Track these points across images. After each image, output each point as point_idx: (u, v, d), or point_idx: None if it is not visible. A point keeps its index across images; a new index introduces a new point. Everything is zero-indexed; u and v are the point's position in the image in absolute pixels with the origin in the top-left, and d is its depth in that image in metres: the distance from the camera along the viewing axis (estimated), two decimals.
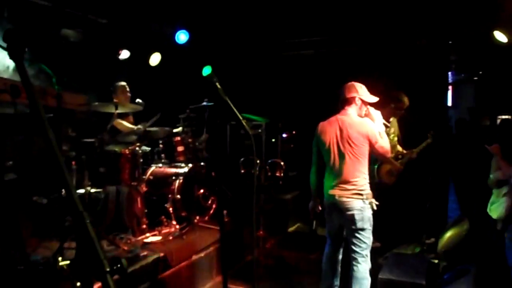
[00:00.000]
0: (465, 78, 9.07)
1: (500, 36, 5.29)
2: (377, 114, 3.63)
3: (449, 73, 7.93)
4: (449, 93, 8.51)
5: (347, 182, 3.45)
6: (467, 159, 6.05)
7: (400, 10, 5.75)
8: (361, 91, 3.57)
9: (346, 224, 3.49)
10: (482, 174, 4.51)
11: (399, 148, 5.29)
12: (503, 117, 8.09)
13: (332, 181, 3.58)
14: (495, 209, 4.14)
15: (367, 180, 3.48)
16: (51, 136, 0.97)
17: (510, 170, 3.76)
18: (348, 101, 3.62)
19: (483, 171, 4.48)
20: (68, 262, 0.83)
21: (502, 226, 4.01)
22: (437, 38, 6.29)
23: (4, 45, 1.18)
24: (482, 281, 3.66)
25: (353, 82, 3.67)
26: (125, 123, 4.80)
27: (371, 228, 3.43)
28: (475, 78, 8.68)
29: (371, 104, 3.64)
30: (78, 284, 0.84)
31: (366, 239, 3.42)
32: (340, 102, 3.71)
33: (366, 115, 3.62)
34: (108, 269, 0.82)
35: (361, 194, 3.41)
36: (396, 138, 5.18)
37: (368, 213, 3.40)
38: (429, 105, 6.56)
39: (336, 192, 3.51)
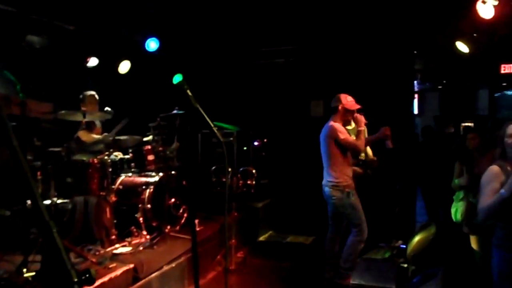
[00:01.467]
0: (430, 87, 9.38)
1: (462, 47, 5.50)
2: (360, 118, 4.46)
3: (415, 82, 8.18)
4: (415, 101, 8.77)
5: (326, 175, 4.44)
6: (433, 165, 6.23)
7: (368, 21, 5.91)
8: (344, 101, 4.41)
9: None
10: (447, 179, 4.66)
11: (369, 153, 5.41)
12: (466, 124, 8.41)
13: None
14: (454, 213, 4.31)
15: (344, 173, 4.33)
16: (15, 144, 0.94)
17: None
18: (333, 110, 4.49)
19: (448, 177, 4.63)
20: (33, 273, 0.79)
21: (468, 230, 4.14)
22: (402, 49, 6.49)
23: None
24: (450, 283, 3.76)
25: (339, 94, 4.47)
26: (89, 134, 4.69)
27: (355, 209, 4.30)
28: (440, 87, 8.99)
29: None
30: None
31: (353, 219, 4.33)
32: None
33: (354, 120, 4.48)
34: (75, 280, 0.80)
35: (338, 186, 4.29)
36: None
37: (348, 201, 4.28)
38: (396, 113, 6.74)
39: (323, 183, 4.47)
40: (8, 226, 3.86)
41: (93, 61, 5.68)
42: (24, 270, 2.96)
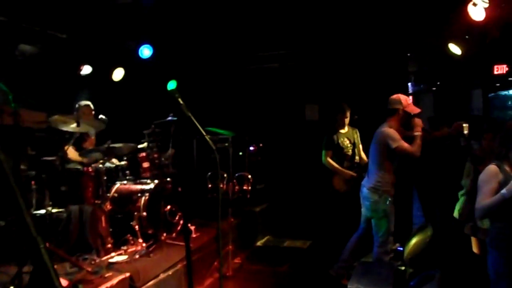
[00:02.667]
0: (424, 88, 9.41)
1: (454, 49, 5.53)
2: (418, 122, 4.26)
3: (409, 84, 8.20)
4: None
5: (368, 176, 4.43)
6: (429, 166, 6.23)
7: (361, 25, 5.93)
8: (405, 103, 4.20)
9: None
10: (443, 181, 4.66)
11: (363, 156, 5.42)
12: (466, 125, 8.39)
13: None
14: (456, 209, 4.27)
15: (387, 179, 4.25)
16: (2, 158, 0.93)
17: None
18: (389, 112, 4.30)
19: (445, 178, 4.63)
20: None
21: (471, 231, 4.08)
22: (396, 51, 6.51)
23: None
24: (447, 286, 3.75)
25: (398, 95, 4.27)
26: (74, 152, 4.63)
27: (387, 218, 4.23)
28: (434, 89, 9.02)
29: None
30: None
31: (380, 227, 4.27)
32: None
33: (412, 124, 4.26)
34: None
35: (377, 189, 4.26)
36: (351, 149, 5.35)
37: (383, 206, 4.22)
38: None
39: (363, 183, 4.50)
40: (3, 237, 3.83)
41: (86, 69, 5.67)
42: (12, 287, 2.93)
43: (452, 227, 4.51)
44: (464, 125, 4.94)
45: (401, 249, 5.00)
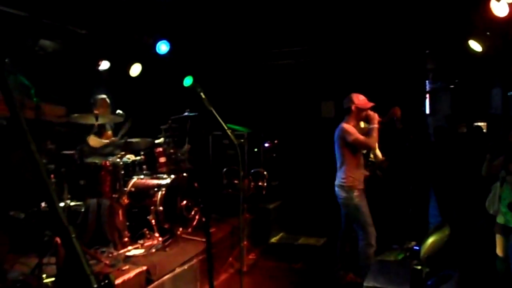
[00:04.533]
0: (442, 86, 9.28)
1: (474, 46, 5.43)
2: (373, 115, 4.41)
3: (427, 81, 8.10)
4: (427, 101, 8.68)
5: (337, 175, 4.49)
6: (446, 165, 6.16)
7: (379, 20, 5.87)
8: (357, 100, 4.40)
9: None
10: (460, 180, 4.59)
11: (378, 154, 5.37)
12: (477, 124, 8.28)
13: None
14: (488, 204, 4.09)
15: (351, 174, 4.34)
16: (33, 148, 0.94)
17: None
18: (345, 111, 4.48)
19: (462, 177, 4.57)
20: (53, 279, 0.79)
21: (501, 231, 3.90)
22: (414, 48, 6.43)
23: None
24: (466, 286, 3.70)
25: (351, 94, 4.46)
26: (98, 139, 4.69)
27: (359, 211, 4.32)
28: (452, 86, 8.89)
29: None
30: None
31: (356, 221, 4.39)
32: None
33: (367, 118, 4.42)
34: (95, 286, 0.79)
35: (343, 186, 4.36)
36: None
37: (351, 202, 4.32)
38: (408, 113, 6.66)
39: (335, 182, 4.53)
40: (23, 229, 3.90)
41: (104, 65, 5.73)
42: (44, 276, 2.99)
43: (477, 226, 4.45)
44: (482, 124, 4.84)
45: (418, 248, 4.96)
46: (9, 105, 1.05)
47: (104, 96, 4.93)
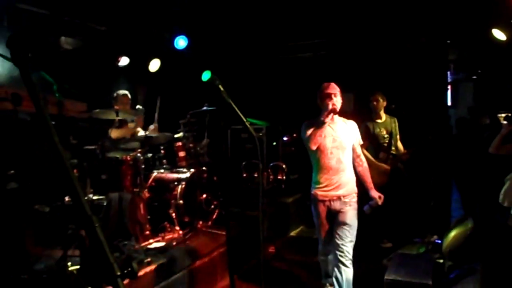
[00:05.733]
0: (464, 77, 9.07)
1: (499, 34, 5.29)
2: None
3: (448, 72, 7.93)
4: (449, 92, 8.51)
5: None
6: (469, 158, 6.04)
7: (399, 10, 5.76)
8: (318, 94, 3.83)
9: None
10: (483, 172, 4.50)
11: (400, 147, 5.31)
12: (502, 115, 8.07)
13: None
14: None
15: (313, 177, 3.82)
16: (56, 140, 0.96)
17: None
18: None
19: (485, 170, 4.47)
20: (77, 267, 0.81)
21: None
22: (436, 38, 6.30)
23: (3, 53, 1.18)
24: (489, 280, 3.64)
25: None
26: (118, 130, 4.75)
27: (314, 221, 3.85)
28: (474, 77, 8.68)
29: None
30: None
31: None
32: None
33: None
34: (118, 273, 0.81)
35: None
36: (388, 139, 5.21)
37: (311, 209, 3.85)
38: (429, 105, 6.56)
39: None
40: (48, 222, 4.00)
41: (124, 60, 5.79)
42: (69, 264, 3.07)
43: (494, 219, 4.36)
44: (502, 115, 4.71)
45: (439, 241, 4.89)
46: (33, 99, 1.07)
47: (126, 92, 4.99)
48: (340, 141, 3.64)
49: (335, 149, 3.62)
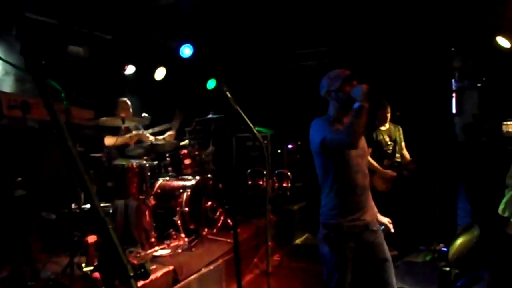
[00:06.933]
0: (469, 85, 9.08)
1: (503, 42, 5.31)
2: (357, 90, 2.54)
3: (453, 80, 7.93)
4: (453, 100, 8.50)
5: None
6: (477, 164, 6.03)
7: (403, 18, 5.79)
8: (329, 82, 2.80)
9: None
10: (491, 179, 4.48)
11: (405, 154, 5.31)
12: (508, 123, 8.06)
13: None
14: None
15: (331, 200, 2.67)
16: (70, 144, 0.98)
17: None
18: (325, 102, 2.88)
19: (493, 177, 4.45)
20: (91, 267, 0.83)
21: None
22: (440, 46, 6.32)
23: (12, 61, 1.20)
24: None
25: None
26: (112, 137, 4.74)
27: (331, 268, 2.64)
28: (479, 85, 8.69)
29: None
30: None
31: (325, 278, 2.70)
32: None
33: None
34: (132, 274, 0.82)
35: (319, 221, 2.75)
36: (392, 147, 5.21)
37: (321, 249, 2.66)
38: (434, 113, 6.55)
39: None
40: (54, 229, 4.02)
41: (130, 69, 5.84)
42: (83, 265, 3.09)
43: (501, 227, 4.34)
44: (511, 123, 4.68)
45: (446, 249, 4.86)
46: (47, 106, 1.10)
47: (124, 98, 5.03)
48: (363, 147, 2.77)
49: (360, 159, 2.68)
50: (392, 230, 2.88)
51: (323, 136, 2.54)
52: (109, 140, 4.66)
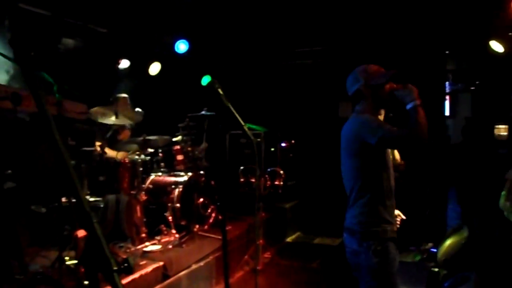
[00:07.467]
0: (462, 87, 9.14)
1: (496, 46, 5.35)
2: (408, 89, 2.50)
3: (447, 82, 7.98)
4: (447, 102, 8.56)
5: (347, 208, 2.54)
6: (469, 167, 6.08)
7: (398, 21, 5.82)
8: (367, 77, 2.57)
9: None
10: (482, 181, 4.52)
11: (396, 156, 5.32)
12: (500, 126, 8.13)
13: None
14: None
15: (372, 206, 2.40)
16: (57, 137, 0.98)
17: None
18: (354, 98, 2.63)
19: (484, 179, 4.50)
20: (75, 261, 0.82)
21: None
22: (434, 49, 6.35)
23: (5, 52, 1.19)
24: None
25: (354, 70, 2.69)
26: (109, 150, 4.62)
27: (384, 278, 2.36)
28: (472, 88, 8.75)
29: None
30: (86, 282, 0.84)
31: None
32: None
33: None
34: (115, 268, 0.82)
35: (354, 230, 2.42)
36: None
37: (368, 261, 2.33)
38: (427, 115, 6.58)
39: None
40: (44, 223, 3.99)
41: (124, 63, 5.81)
42: (67, 258, 3.06)
43: (491, 230, 4.38)
44: (503, 127, 4.71)
45: (435, 250, 4.90)
46: (35, 98, 1.09)
47: (125, 95, 4.99)
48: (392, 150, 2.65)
49: (390, 161, 2.60)
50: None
51: (380, 134, 2.31)
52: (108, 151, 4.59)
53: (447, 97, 8.65)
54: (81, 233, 3.13)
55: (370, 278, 2.35)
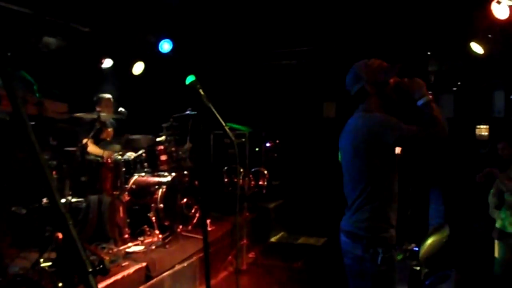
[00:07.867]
0: (444, 88, 9.27)
1: (476, 48, 5.44)
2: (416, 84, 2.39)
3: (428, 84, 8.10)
4: None
5: (349, 211, 2.40)
6: (450, 167, 6.18)
7: (380, 22, 5.88)
8: (372, 73, 2.47)
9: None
10: (464, 181, 4.59)
11: None
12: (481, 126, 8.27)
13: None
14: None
15: (378, 210, 2.29)
16: (33, 140, 0.97)
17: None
18: (358, 97, 2.48)
19: (465, 179, 4.57)
20: (49, 263, 0.82)
21: (497, 235, 3.97)
22: (416, 50, 6.44)
23: None
24: (462, 286, 3.72)
25: (353, 67, 2.60)
26: (93, 145, 4.62)
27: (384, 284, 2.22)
28: (454, 89, 8.89)
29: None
30: (60, 284, 0.83)
31: None
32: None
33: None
34: (90, 270, 0.82)
35: (359, 235, 2.27)
36: None
37: (373, 268, 2.19)
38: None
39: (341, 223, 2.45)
40: (24, 224, 3.93)
41: (107, 63, 5.76)
42: (41, 260, 3.02)
43: (470, 228, 4.46)
44: (484, 127, 4.79)
45: (417, 249, 4.96)
46: (11, 99, 1.07)
47: (109, 95, 4.95)
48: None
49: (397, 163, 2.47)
50: None
51: (400, 133, 2.20)
52: (91, 147, 4.54)
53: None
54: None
55: (371, 285, 2.22)
